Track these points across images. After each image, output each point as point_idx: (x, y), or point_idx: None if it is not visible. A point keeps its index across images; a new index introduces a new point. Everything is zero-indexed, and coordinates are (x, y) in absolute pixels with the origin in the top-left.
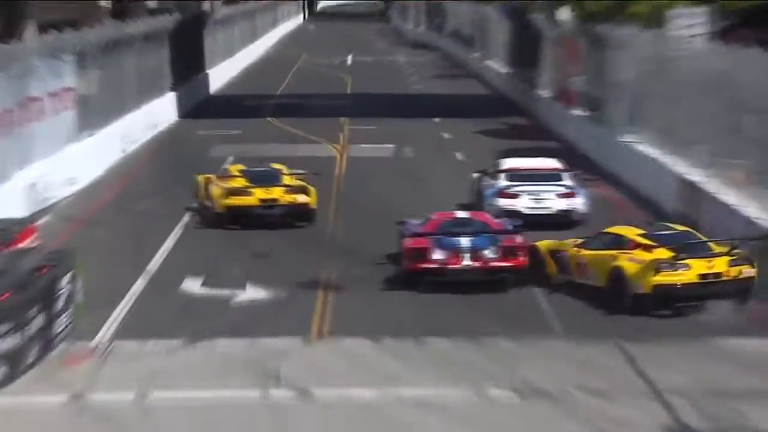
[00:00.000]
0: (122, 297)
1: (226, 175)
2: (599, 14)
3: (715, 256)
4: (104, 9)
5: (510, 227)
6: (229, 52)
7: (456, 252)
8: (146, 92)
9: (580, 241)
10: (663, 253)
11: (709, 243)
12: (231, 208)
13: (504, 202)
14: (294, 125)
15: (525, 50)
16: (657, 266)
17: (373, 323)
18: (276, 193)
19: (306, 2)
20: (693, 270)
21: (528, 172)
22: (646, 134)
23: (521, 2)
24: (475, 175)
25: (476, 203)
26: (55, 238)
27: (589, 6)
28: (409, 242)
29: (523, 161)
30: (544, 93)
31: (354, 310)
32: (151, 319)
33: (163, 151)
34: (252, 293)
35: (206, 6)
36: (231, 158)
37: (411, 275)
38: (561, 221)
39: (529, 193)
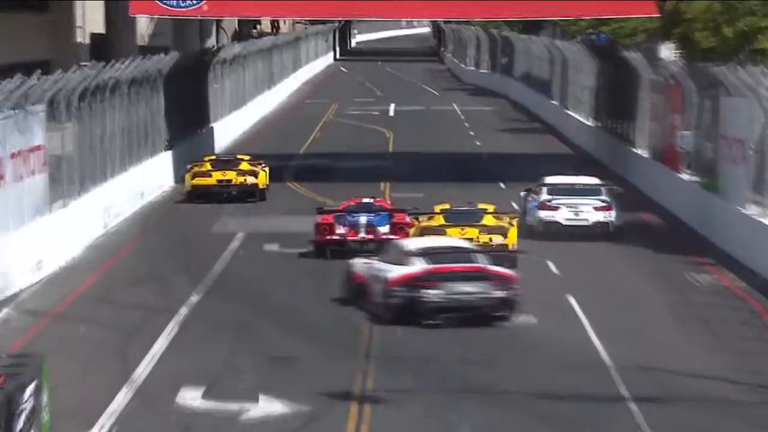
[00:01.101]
0: (101, 414)
1: None
2: (713, 51)
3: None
4: (82, 46)
5: (404, 209)
6: (240, 100)
7: (354, 227)
8: (135, 152)
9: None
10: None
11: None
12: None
13: (544, 214)
14: (322, 192)
15: (616, 97)
16: (422, 231)
17: None
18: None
19: (337, 37)
20: (448, 235)
21: (568, 187)
22: None
23: (613, 37)
24: (523, 193)
25: (522, 218)
26: (16, 339)
27: (701, 41)
28: (318, 219)
29: (564, 178)
30: (641, 151)
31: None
32: None
33: (154, 226)
34: (266, 407)
35: (211, 43)
36: (240, 235)
37: (319, 246)
38: (597, 232)
39: (568, 205)
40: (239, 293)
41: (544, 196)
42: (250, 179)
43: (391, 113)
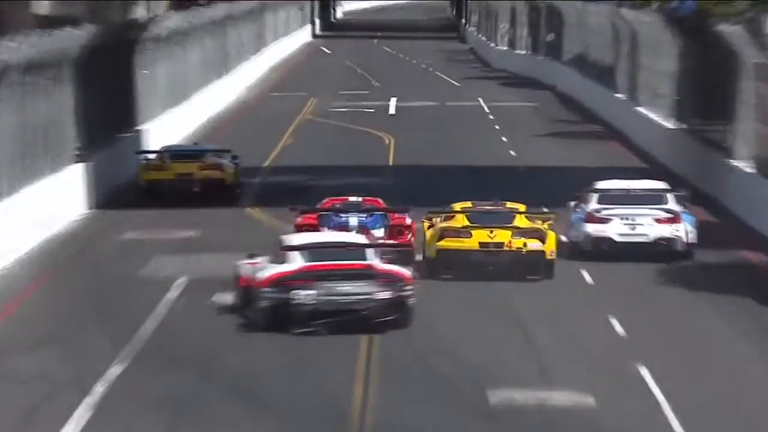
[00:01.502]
0: None
1: None
2: None
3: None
4: None
5: (404, 208)
6: (180, 93)
7: (344, 229)
8: (31, 166)
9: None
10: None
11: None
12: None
13: (592, 228)
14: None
15: (707, 89)
16: (442, 233)
17: None
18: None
19: (317, 5)
20: (474, 238)
21: (623, 193)
22: None
23: (701, 3)
24: (572, 203)
25: (568, 233)
26: None
27: None
28: (298, 220)
29: (620, 182)
30: (743, 164)
31: None
32: None
33: (60, 267)
34: None
35: (140, 13)
36: (181, 281)
37: None
38: (660, 251)
39: (622, 216)
40: (179, 361)
41: (593, 205)
42: (216, 173)
43: (392, 111)
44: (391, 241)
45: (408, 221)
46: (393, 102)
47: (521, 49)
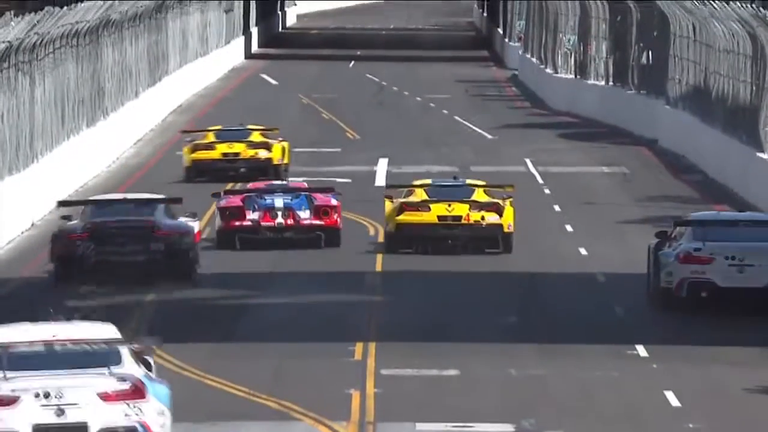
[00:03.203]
0: None
1: None
2: None
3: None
4: None
5: (329, 188)
6: (22, 152)
7: (269, 211)
8: None
9: None
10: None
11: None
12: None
13: (690, 270)
14: (224, 373)
15: None
16: (402, 208)
17: None
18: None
19: (254, 5)
20: (433, 212)
21: (728, 225)
22: None
23: None
24: (653, 242)
25: (651, 280)
26: None
27: None
28: (222, 203)
29: (723, 214)
30: None
31: None
32: None
33: None
34: None
35: None
36: None
37: (225, 234)
38: None
39: (730, 256)
40: None
41: (689, 242)
42: (263, 153)
43: (380, 181)
44: (318, 222)
45: (334, 202)
46: (382, 166)
47: (598, 78)
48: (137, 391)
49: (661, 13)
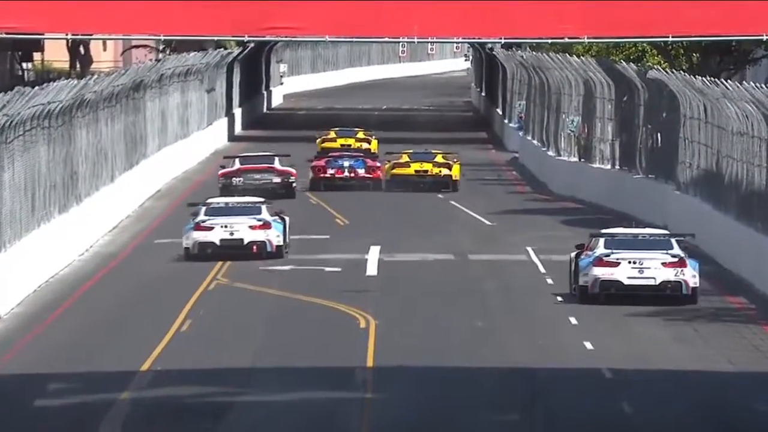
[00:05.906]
0: None
1: None
2: None
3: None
4: None
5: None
6: None
7: (340, 169)
8: None
9: None
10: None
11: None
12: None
13: (601, 272)
14: None
15: None
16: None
17: None
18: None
19: (238, 79)
20: (412, 168)
21: (630, 238)
22: None
23: None
24: (572, 254)
25: (572, 280)
26: None
27: None
28: (314, 162)
29: (626, 229)
30: None
31: None
32: None
33: None
34: None
35: None
36: None
37: (314, 182)
38: (667, 294)
39: (630, 260)
40: None
41: (601, 250)
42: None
43: (371, 270)
44: (369, 175)
45: (378, 164)
46: (373, 254)
47: (603, 162)
48: (265, 225)
49: (671, 93)
